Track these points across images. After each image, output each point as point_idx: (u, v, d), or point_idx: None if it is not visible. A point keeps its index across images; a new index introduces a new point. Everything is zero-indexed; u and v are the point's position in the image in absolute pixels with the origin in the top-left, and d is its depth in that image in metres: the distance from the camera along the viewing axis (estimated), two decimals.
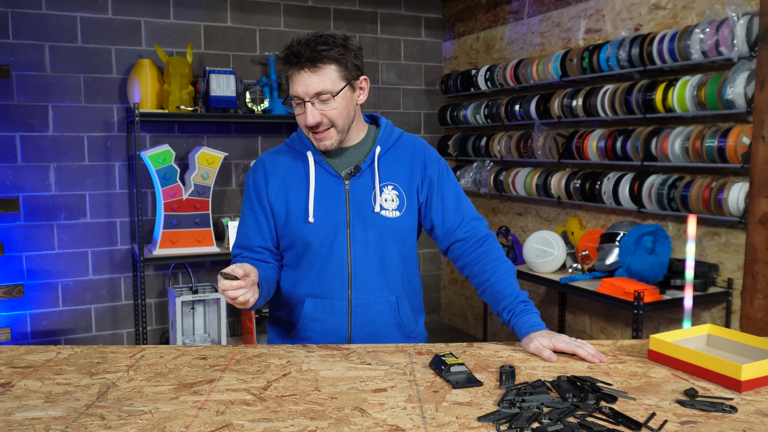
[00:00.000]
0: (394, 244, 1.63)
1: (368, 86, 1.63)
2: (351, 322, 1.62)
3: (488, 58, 4.60)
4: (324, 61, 1.49)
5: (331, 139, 1.57)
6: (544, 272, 3.46)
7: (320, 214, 1.59)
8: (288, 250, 1.67)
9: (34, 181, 3.91)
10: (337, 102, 1.53)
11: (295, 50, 1.49)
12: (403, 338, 1.68)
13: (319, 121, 1.53)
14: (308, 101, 1.51)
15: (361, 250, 1.61)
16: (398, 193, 1.63)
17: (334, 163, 1.64)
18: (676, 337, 1.46)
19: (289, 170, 1.65)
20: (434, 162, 1.69)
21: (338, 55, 1.50)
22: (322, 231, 1.59)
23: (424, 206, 1.69)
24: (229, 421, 1.10)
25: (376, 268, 1.62)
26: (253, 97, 4.22)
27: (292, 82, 1.52)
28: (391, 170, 1.64)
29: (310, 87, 1.50)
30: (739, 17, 2.72)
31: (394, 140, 1.67)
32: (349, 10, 4.71)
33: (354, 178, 1.61)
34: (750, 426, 1.08)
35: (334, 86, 1.51)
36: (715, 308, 3.05)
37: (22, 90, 3.85)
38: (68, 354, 1.46)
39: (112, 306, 4.17)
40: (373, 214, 1.60)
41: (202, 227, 3.93)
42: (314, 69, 1.49)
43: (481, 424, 1.09)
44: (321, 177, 1.62)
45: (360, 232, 1.60)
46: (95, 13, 3.98)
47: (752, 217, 2.71)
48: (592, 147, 3.48)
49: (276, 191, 1.64)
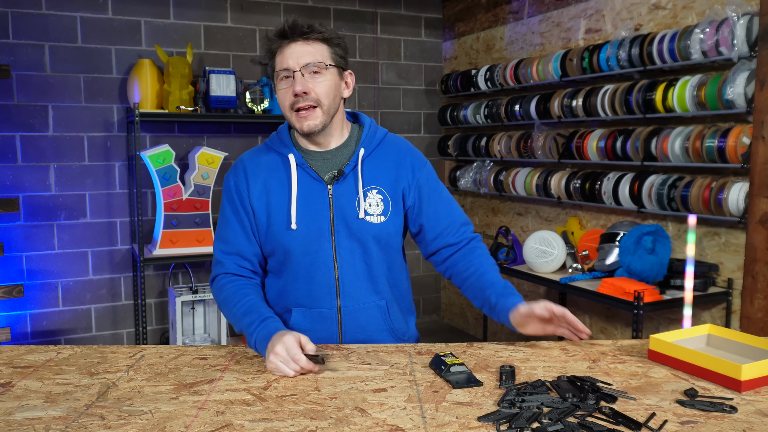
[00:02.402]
0: (380, 249, 1.59)
1: (353, 84, 1.62)
2: (341, 330, 1.59)
3: (488, 58, 4.60)
4: (317, 37, 1.52)
5: (315, 119, 1.52)
6: (544, 272, 3.46)
7: (303, 220, 1.54)
8: (270, 257, 1.61)
9: (34, 181, 3.91)
10: (326, 77, 1.52)
11: (291, 24, 1.51)
12: (395, 341, 1.66)
13: (306, 91, 1.49)
14: (298, 71, 1.49)
15: (347, 257, 1.57)
16: (383, 197, 1.59)
17: (316, 166, 1.59)
18: (676, 337, 1.46)
19: (270, 173, 1.59)
20: (422, 166, 1.66)
21: (330, 37, 1.54)
22: (306, 238, 1.54)
23: (411, 210, 1.65)
24: (229, 421, 1.10)
25: (364, 274, 1.58)
26: (253, 97, 4.22)
27: (282, 55, 1.52)
28: (375, 173, 1.60)
29: (302, 57, 1.50)
30: (739, 17, 2.72)
31: (378, 141, 1.63)
32: (349, 10, 4.71)
33: (337, 183, 1.57)
34: (750, 426, 1.08)
35: (324, 59, 1.52)
36: (715, 308, 3.05)
37: (22, 90, 3.85)
38: (68, 354, 1.46)
39: (112, 306, 4.17)
40: (357, 221, 1.56)
41: (202, 227, 3.93)
42: (307, 42, 1.51)
43: (481, 424, 1.09)
44: (303, 181, 1.56)
45: (345, 239, 1.56)
46: (95, 13, 3.98)
47: (752, 217, 2.71)
48: (592, 147, 3.48)
49: (257, 195, 1.58)
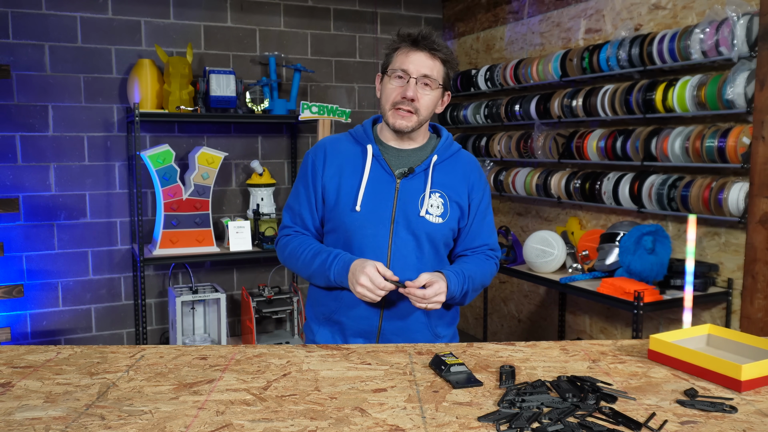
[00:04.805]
0: (432, 247, 1.70)
1: (447, 102, 1.75)
2: (383, 315, 1.68)
3: (488, 58, 4.60)
4: (440, 56, 1.65)
5: (410, 122, 1.66)
6: (544, 272, 3.46)
7: (368, 205, 1.66)
8: (329, 234, 1.74)
9: (34, 181, 3.91)
10: (432, 93, 1.66)
11: (425, 35, 1.63)
12: (432, 338, 1.73)
13: (414, 98, 1.63)
14: (414, 77, 1.63)
15: (401, 246, 1.66)
16: (444, 201, 1.70)
17: (390, 161, 1.71)
18: (676, 337, 1.46)
19: (346, 158, 1.72)
20: (483, 186, 1.79)
21: (450, 60, 1.68)
22: (366, 221, 1.66)
23: (461, 221, 1.76)
24: (229, 421, 1.10)
25: (414, 267, 1.66)
26: (253, 97, 4.22)
27: (405, 57, 1.64)
28: (441, 179, 1.71)
29: (423, 67, 1.63)
30: (739, 17, 2.72)
31: (451, 153, 1.76)
32: (349, 10, 4.71)
33: (406, 179, 1.68)
34: (750, 426, 1.08)
35: (438, 77, 1.66)
36: (715, 308, 3.05)
37: (22, 90, 3.85)
38: (68, 354, 1.46)
39: (112, 306, 4.17)
40: (418, 217, 1.67)
41: (202, 227, 3.93)
42: (431, 56, 1.64)
43: (481, 424, 1.09)
44: (375, 171, 1.69)
45: (403, 230, 1.67)
46: (95, 13, 3.98)
47: (752, 217, 2.71)
48: (592, 147, 3.48)
49: (331, 175, 1.71)
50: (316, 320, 1.77)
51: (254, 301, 4.10)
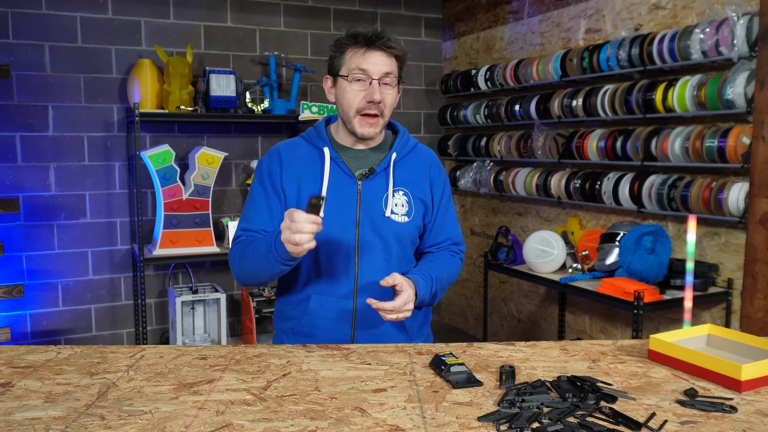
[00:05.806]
0: (400, 247, 1.66)
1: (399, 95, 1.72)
2: (355, 321, 1.63)
3: (488, 58, 4.60)
4: (393, 52, 1.61)
5: (377, 127, 1.62)
6: (544, 272, 3.46)
7: (331, 210, 1.60)
8: None
9: (34, 181, 3.91)
10: (393, 91, 1.62)
11: (378, 33, 1.59)
12: (407, 340, 1.70)
13: (381, 100, 1.58)
14: (376, 79, 1.58)
15: (368, 250, 1.62)
16: (408, 199, 1.67)
17: (349, 162, 1.66)
18: (676, 337, 1.46)
19: (304, 162, 1.66)
20: (442, 182, 1.76)
21: (403, 56, 1.64)
22: (330, 227, 1.59)
23: (425, 217, 1.73)
24: (229, 421, 1.10)
25: (382, 269, 1.63)
26: (253, 97, 4.22)
27: (362, 58, 1.58)
28: (403, 177, 1.68)
29: (383, 66, 1.58)
30: (739, 17, 2.72)
31: (409, 149, 1.73)
32: (349, 10, 4.71)
33: (367, 180, 1.64)
34: (750, 426, 1.08)
35: (396, 74, 1.62)
36: (715, 308, 3.05)
37: (22, 90, 3.85)
38: (68, 354, 1.46)
39: (112, 306, 4.17)
40: (383, 218, 1.63)
41: (202, 227, 3.93)
42: (387, 53, 1.59)
43: (481, 424, 1.09)
44: (335, 174, 1.64)
45: (369, 234, 1.62)
46: (95, 13, 3.98)
47: (752, 217, 2.71)
48: (592, 147, 3.48)
49: (290, 180, 1.65)
50: (285, 335, 1.71)
51: (254, 301, 4.10)
